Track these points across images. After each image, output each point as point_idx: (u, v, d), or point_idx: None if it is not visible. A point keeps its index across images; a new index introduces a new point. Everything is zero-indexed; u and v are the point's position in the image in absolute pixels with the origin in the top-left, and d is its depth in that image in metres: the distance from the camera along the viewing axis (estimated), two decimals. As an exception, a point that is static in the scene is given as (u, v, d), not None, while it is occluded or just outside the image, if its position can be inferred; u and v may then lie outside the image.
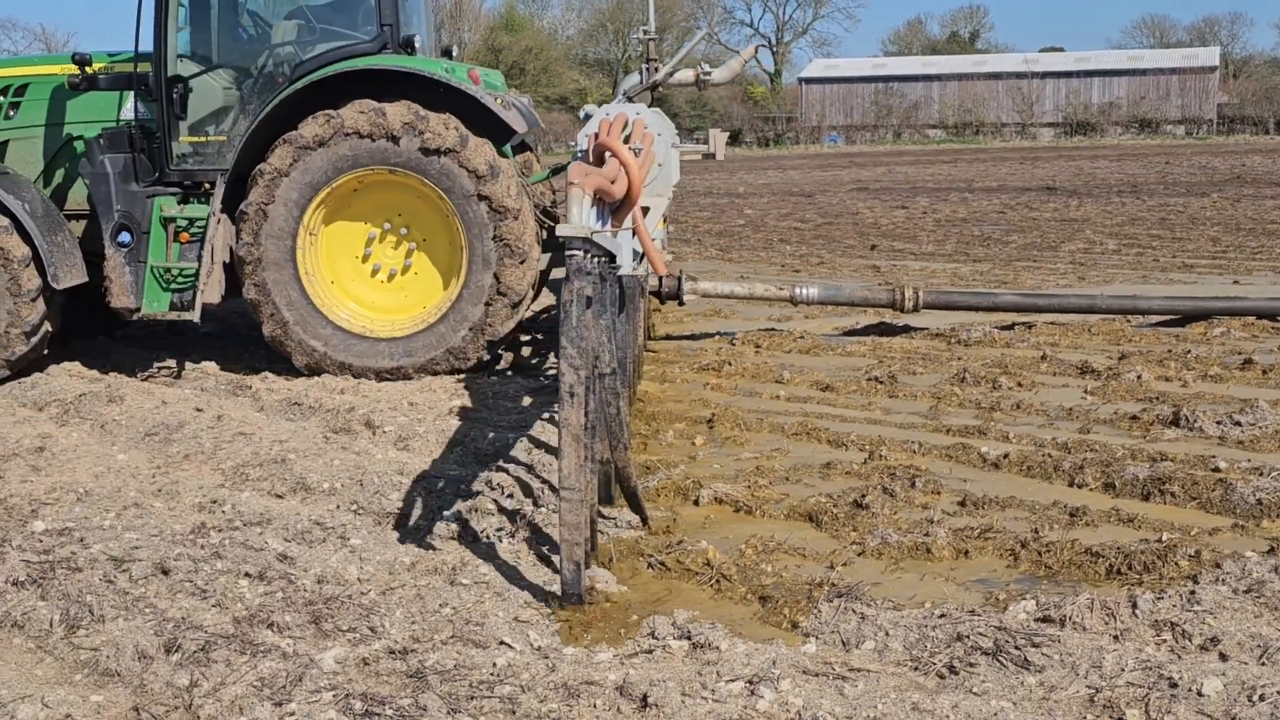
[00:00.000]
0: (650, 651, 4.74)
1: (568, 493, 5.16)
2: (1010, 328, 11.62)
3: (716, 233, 23.14)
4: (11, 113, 10.98)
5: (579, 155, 7.12)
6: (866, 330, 11.90)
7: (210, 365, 10.64)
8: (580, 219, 5.16)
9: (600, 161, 6.58)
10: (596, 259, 5.68)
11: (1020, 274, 16.16)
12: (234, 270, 10.16)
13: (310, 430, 8.38)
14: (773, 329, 11.79)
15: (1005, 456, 7.37)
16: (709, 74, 10.78)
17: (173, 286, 10.27)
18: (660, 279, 11.50)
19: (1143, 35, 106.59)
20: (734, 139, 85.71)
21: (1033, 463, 7.23)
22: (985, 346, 11.02)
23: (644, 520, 6.36)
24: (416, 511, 6.70)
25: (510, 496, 6.83)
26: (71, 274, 10.30)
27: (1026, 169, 44.78)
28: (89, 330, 11.74)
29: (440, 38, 12.79)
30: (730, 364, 10.31)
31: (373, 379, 9.89)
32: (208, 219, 10.07)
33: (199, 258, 10.09)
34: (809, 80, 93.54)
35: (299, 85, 9.91)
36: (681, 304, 12.08)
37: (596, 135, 7.35)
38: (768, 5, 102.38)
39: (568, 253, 5.14)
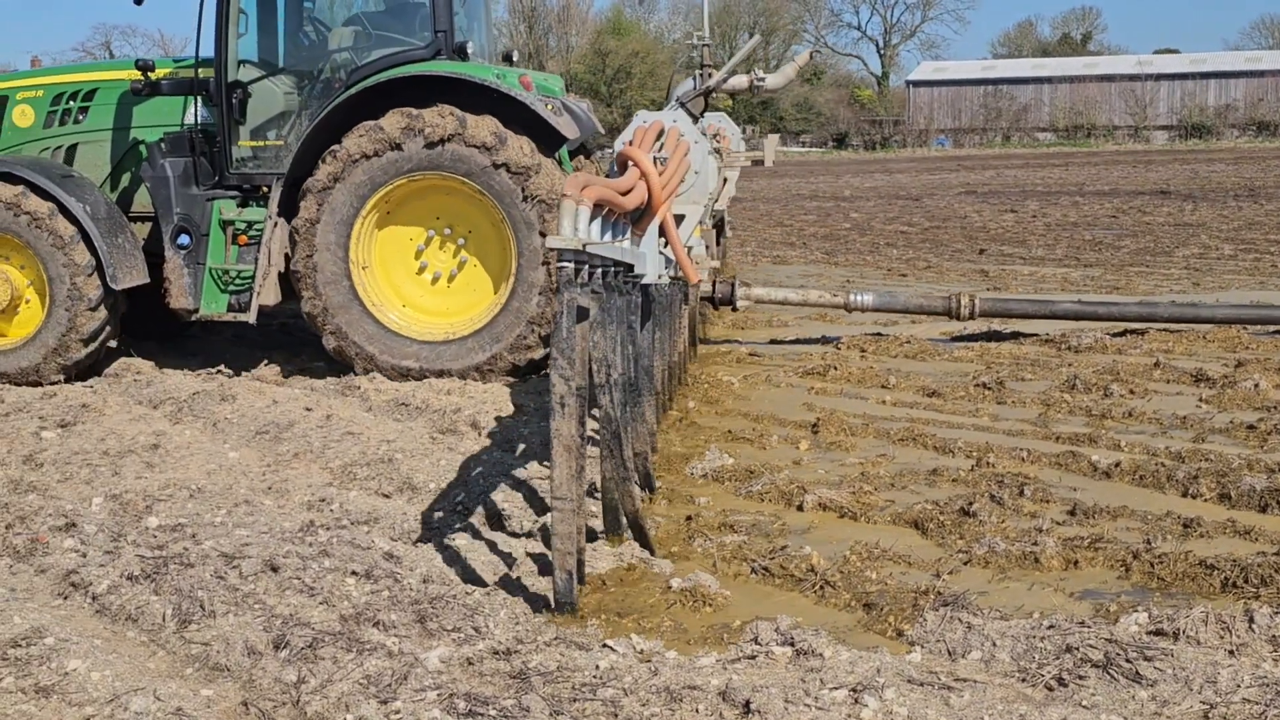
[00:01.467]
0: (753, 657, 4.71)
1: (559, 503, 5.15)
2: (1122, 334, 11.41)
3: (823, 236, 23.02)
4: (81, 117, 11.29)
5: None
6: (974, 336, 11.76)
7: (319, 365, 10.79)
8: (570, 231, 5.14)
9: (624, 169, 6.58)
10: (604, 270, 5.70)
11: (1133, 279, 15.87)
12: (290, 274, 10.34)
13: (417, 430, 8.46)
14: (879, 333, 11.69)
15: (1117, 465, 7.23)
16: (763, 80, 10.73)
17: (230, 288, 10.50)
18: (714, 284, 11.61)
19: (1261, 36, 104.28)
20: (840, 142, 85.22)
21: (1145, 472, 7.09)
22: (1096, 353, 10.82)
23: (609, 533, 6.22)
24: (520, 513, 6.73)
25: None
26: (131, 275, 10.55)
27: (1139, 172, 43.99)
28: (151, 331, 12.00)
29: (498, 43, 12.87)
30: (835, 368, 10.24)
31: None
32: (265, 222, 10.26)
33: (256, 260, 10.27)
34: (917, 83, 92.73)
35: (353, 91, 10.07)
36: (735, 309, 12.15)
37: (630, 143, 7.40)
38: (875, 8, 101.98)
39: (557, 264, 5.12)
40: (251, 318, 10.36)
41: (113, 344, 10.96)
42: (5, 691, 4.59)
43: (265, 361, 11.16)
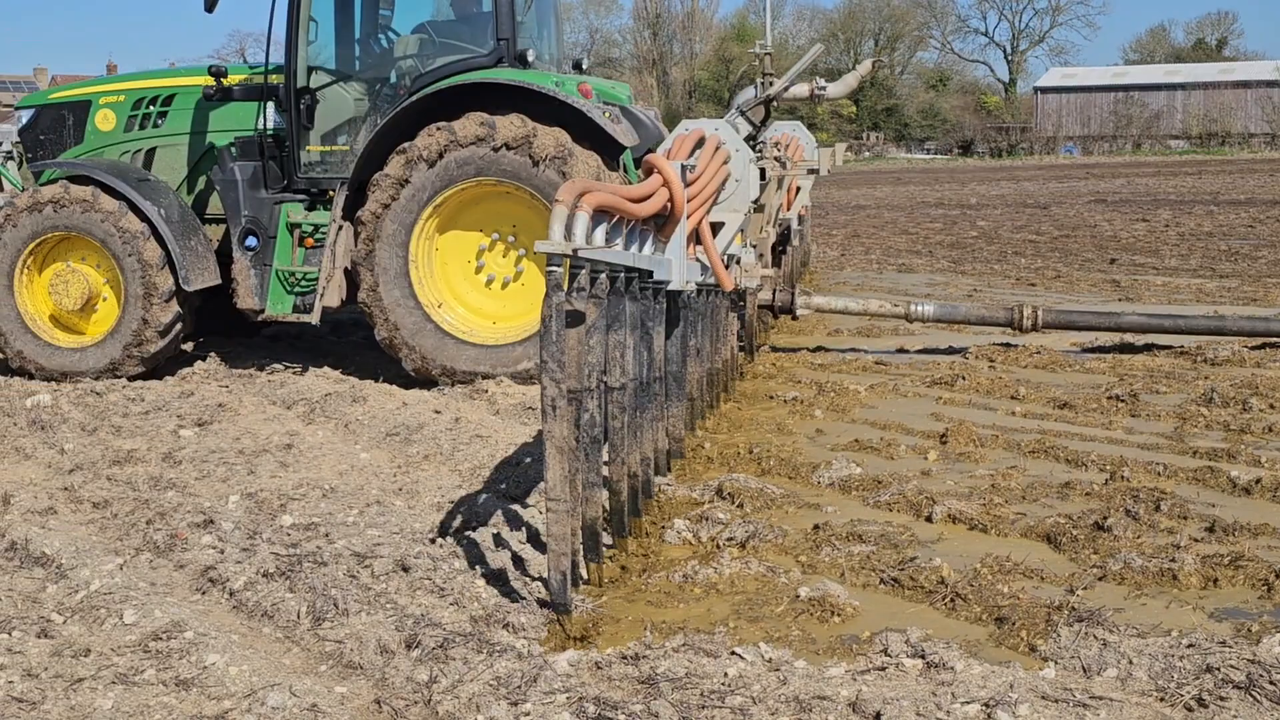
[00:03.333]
0: (883, 669, 4.67)
1: (553, 504, 5.14)
2: (1261, 347, 11.11)
3: (949, 245, 22.76)
4: (159, 121, 11.61)
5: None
6: (1106, 348, 11.53)
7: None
8: (560, 235, 5.12)
9: (649, 176, 6.60)
10: (611, 276, 5.71)
11: (1270, 290, 15.46)
12: (351, 264, 10.51)
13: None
14: (1008, 344, 11.52)
15: (1257, 481, 7.04)
16: (824, 88, 10.65)
17: (296, 290, 10.74)
18: (774, 293, 11.63)
19: None
20: (965, 149, 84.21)
21: (1287, 489, 6.89)
22: (1234, 366, 10.56)
23: (615, 537, 6.18)
24: (648, 517, 6.74)
25: (739, 506, 6.84)
26: (203, 276, 10.81)
27: (1277, 181, 42.83)
28: (226, 330, 12.22)
29: (564, 49, 12.91)
30: (964, 378, 10.11)
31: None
32: (330, 225, 10.46)
33: (321, 263, 10.44)
34: (1045, 89, 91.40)
35: (416, 98, 10.21)
36: (795, 318, 12.15)
37: (670, 151, 7.40)
38: (1003, 14, 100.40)
39: (547, 268, 5.12)
40: (315, 318, 10.58)
41: (188, 346, 11.29)
42: (147, 683, 4.71)
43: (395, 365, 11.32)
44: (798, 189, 14.51)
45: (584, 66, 12.69)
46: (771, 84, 10.23)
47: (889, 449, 8.10)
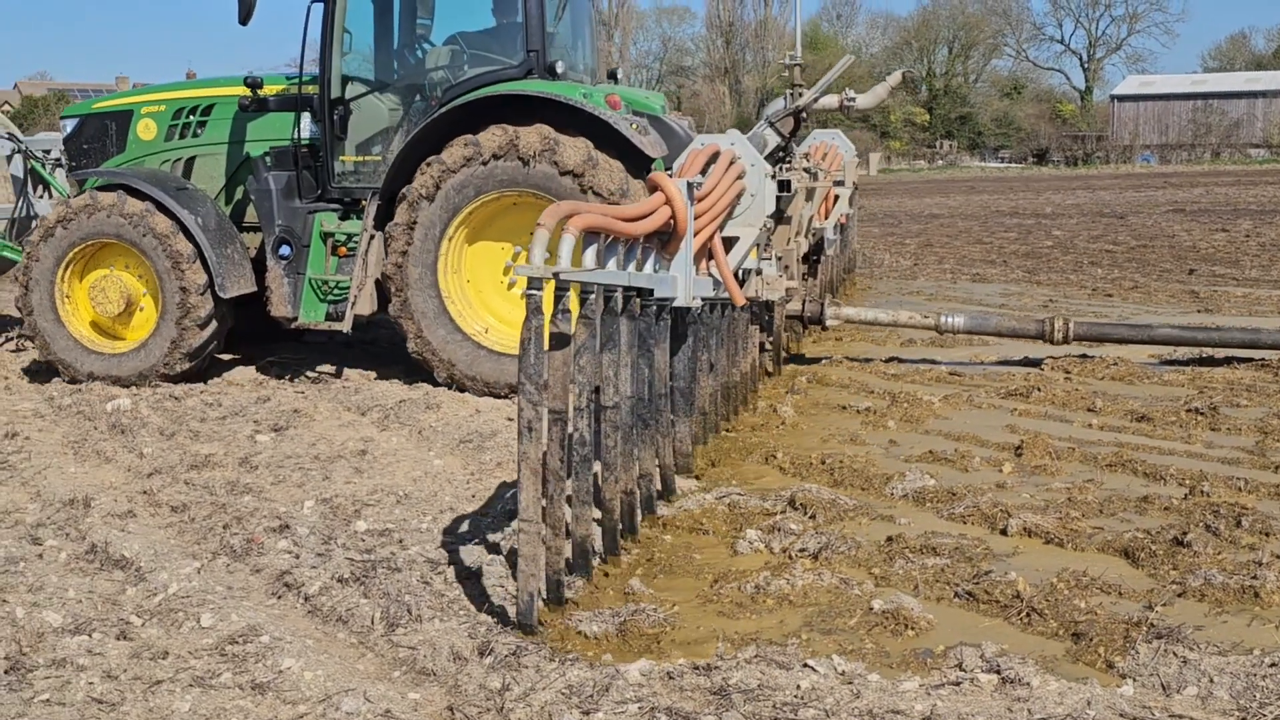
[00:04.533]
0: (957, 684, 4.63)
1: (524, 525, 5.14)
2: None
3: (1024, 254, 22.54)
4: (199, 131, 11.76)
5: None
6: (1185, 360, 11.36)
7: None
8: (539, 259, 5.12)
9: (653, 193, 6.61)
10: (606, 296, 5.76)
11: (1355, 303, 15.17)
12: (382, 276, 10.58)
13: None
14: (1084, 355, 11.38)
15: (1342, 498, 6.91)
16: (853, 99, 10.60)
17: (329, 298, 10.86)
18: (803, 304, 11.65)
19: None
20: (1040, 158, 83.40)
21: (1373, 506, 6.76)
22: (1317, 379, 10.36)
23: (607, 554, 6.11)
24: (724, 527, 6.73)
25: (812, 517, 6.81)
26: (238, 284, 10.96)
27: (1361, 191, 42.05)
28: (262, 336, 12.34)
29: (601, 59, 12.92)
30: (1039, 390, 10.00)
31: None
32: (361, 235, 10.55)
33: (353, 272, 10.55)
34: (1122, 97, 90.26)
35: (445, 109, 10.28)
36: (825, 329, 12.24)
37: (682, 167, 7.40)
38: (1080, 21, 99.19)
39: (526, 291, 5.13)
40: (346, 327, 10.65)
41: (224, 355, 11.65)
42: (223, 686, 4.76)
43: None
44: (835, 198, 14.48)
45: (618, 77, 12.74)
46: (801, 95, 10.21)
47: (963, 461, 8.03)
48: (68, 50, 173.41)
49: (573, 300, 5.36)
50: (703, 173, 7.66)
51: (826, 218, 13.78)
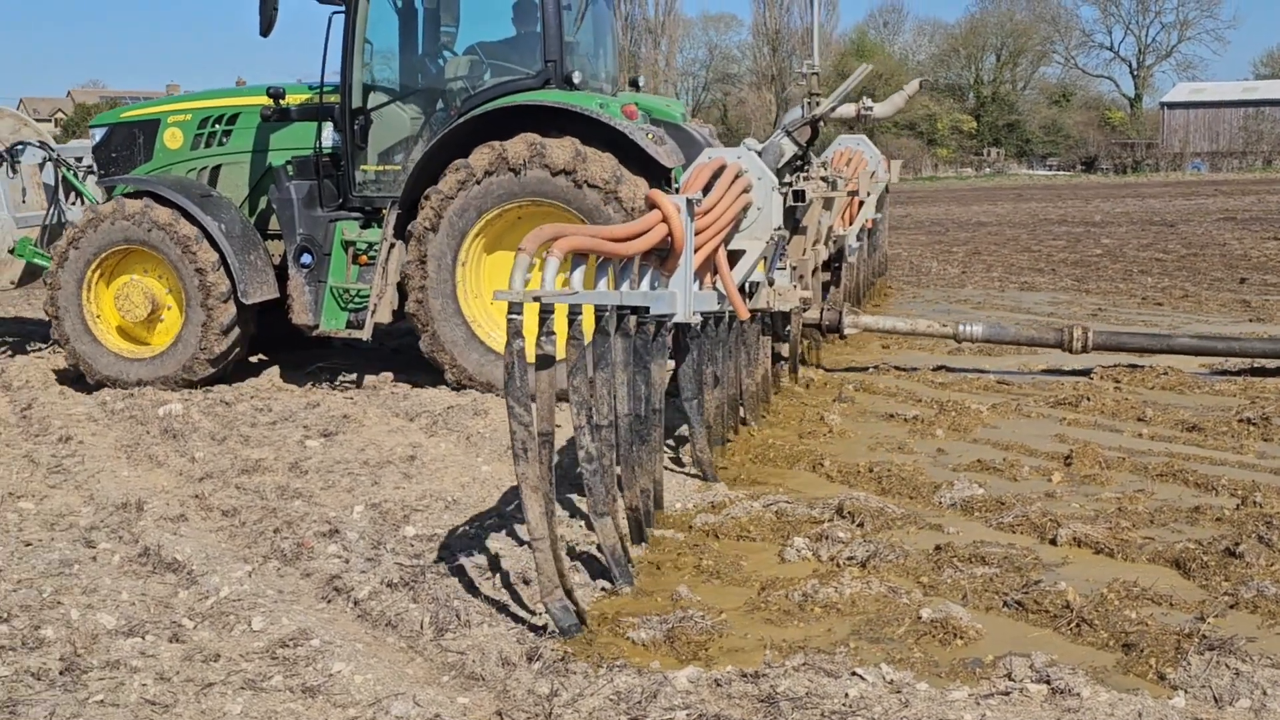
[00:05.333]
0: (1007, 693, 4.60)
1: (537, 542, 5.18)
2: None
3: (1072, 263, 22.39)
4: (224, 140, 11.91)
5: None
6: (1238, 370, 11.25)
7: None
8: (520, 283, 5.18)
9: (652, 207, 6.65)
10: (599, 315, 5.83)
11: None
12: (401, 276, 10.68)
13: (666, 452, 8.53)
14: (1134, 365, 11.30)
15: (1397, 509, 6.83)
16: (870, 109, 10.57)
17: (350, 306, 10.95)
18: (821, 312, 11.70)
19: None
20: (1089, 165, 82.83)
21: None
22: (1372, 390, 10.24)
23: (615, 579, 6.01)
24: (772, 534, 6.73)
25: (860, 525, 6.79)
26: (261, 290, 11.10)
27: None
28: (285, 343, 12.44)
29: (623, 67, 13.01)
30: (1089, 399, 9.94)
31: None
32: (381, 243, 10.65)
33: (373, 280, 10.65)
34: (1172, 105, 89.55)
35: (463, 119, 10.38)
36: (843, 338, 12.27)
37: (687, 182, 7.53)
38: (1129, 28, 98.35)
39: (508, 316, 5.18)
40: (366, 335, 10.78)
41: (252, 359, 11.86)
42: (274, 690, 4.80)
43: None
44: (860, 205, 14.48)
45: (640, 84, 12.78)
46: (818, 104, 10.22)
47: (1012, 470, 7.99)
48: (120, 58, 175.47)
49: (558, 321, 5.38)
50: (708, 187, 7.68)
51: (851, 224, 13.81)
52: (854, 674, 4.75)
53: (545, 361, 5.40)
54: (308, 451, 8.82)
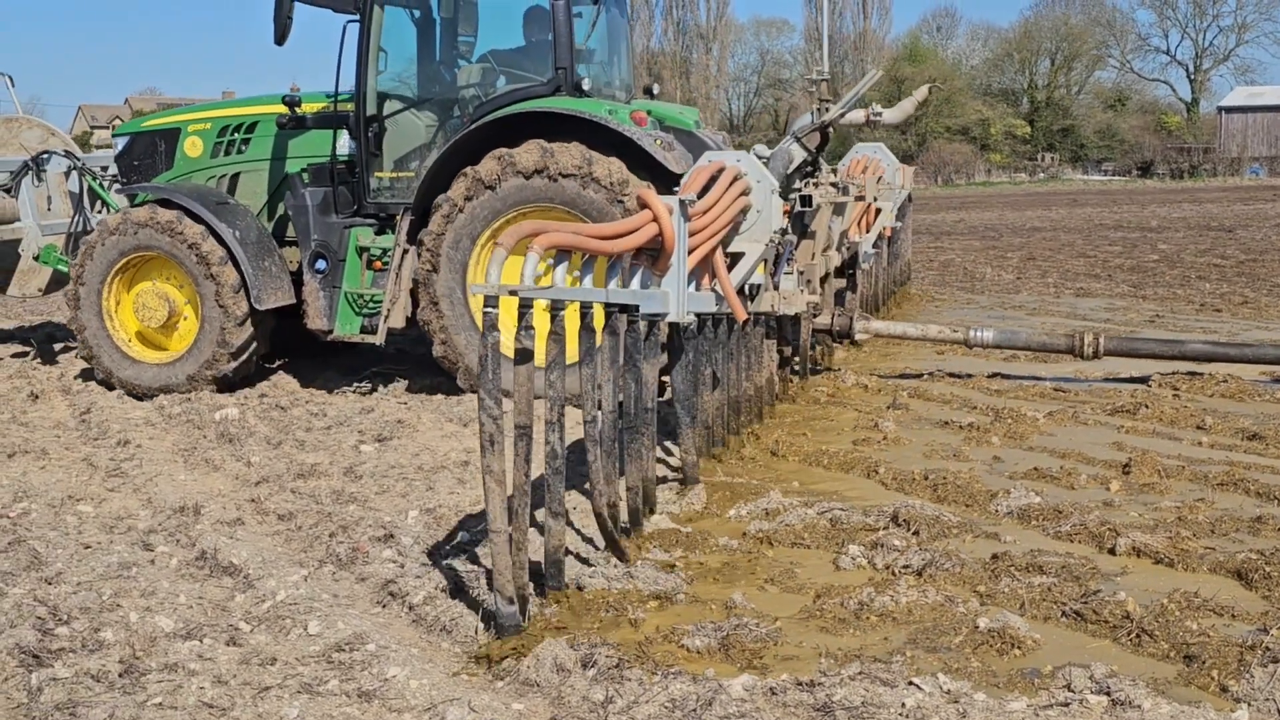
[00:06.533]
0: (1066, 704, 4.55)
1: (494, 535, 5.24)
2: None
3: (1129, 268, 22.18)
4: (243, 148, 12.06)
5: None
6: (1298, 376, 11.10)
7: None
8: (496, 277, 5.24)
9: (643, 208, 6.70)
10: (584, 313, 5.98)
11: None
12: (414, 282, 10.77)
13: (715, 457, 8.51)
14: (1193, 372, 11.16)
15: None
16: (879, 114, 10.56)
17: (364, 311, 11.07)
18: (833, 317, 11.73)
19: None
20: (1144, 170, 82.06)
21: None
22: None
23: (621, 558, 6.29)
24: (827, 541, 6.70)
25: (915, 533, 6.74)
26: (275, 296, 11.20)
27: None
28: (301, 349, 12.52)
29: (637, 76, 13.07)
30: (1147, 407, 9.83)
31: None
32: (394, 249, 10.75)
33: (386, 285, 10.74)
34: (1229, 109, 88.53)
35: (474, 126, 10.45)
36: (855, 343, 12.33)
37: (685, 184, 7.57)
38: (1186, 31, 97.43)
39: (484, 309, 5.25)
40: (379, 339, 10.87)
41: (268, 364, 11.99)
42: (330, 694, 4.82)
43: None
44: (878, 212, 14.44)
45: (655, 92, 12.85)
46: (827, 110, 10.20)
47: (1069, 478, 7.91)
48: (177, 66, 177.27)
49: (536, 316, 5.43)
50: (706, 189, 7.70)
51: (867, 231, 13.78)
52: (911, 683, 4.71)
53: (523, 356, 5.47)
54: (362, 456, 8.86)
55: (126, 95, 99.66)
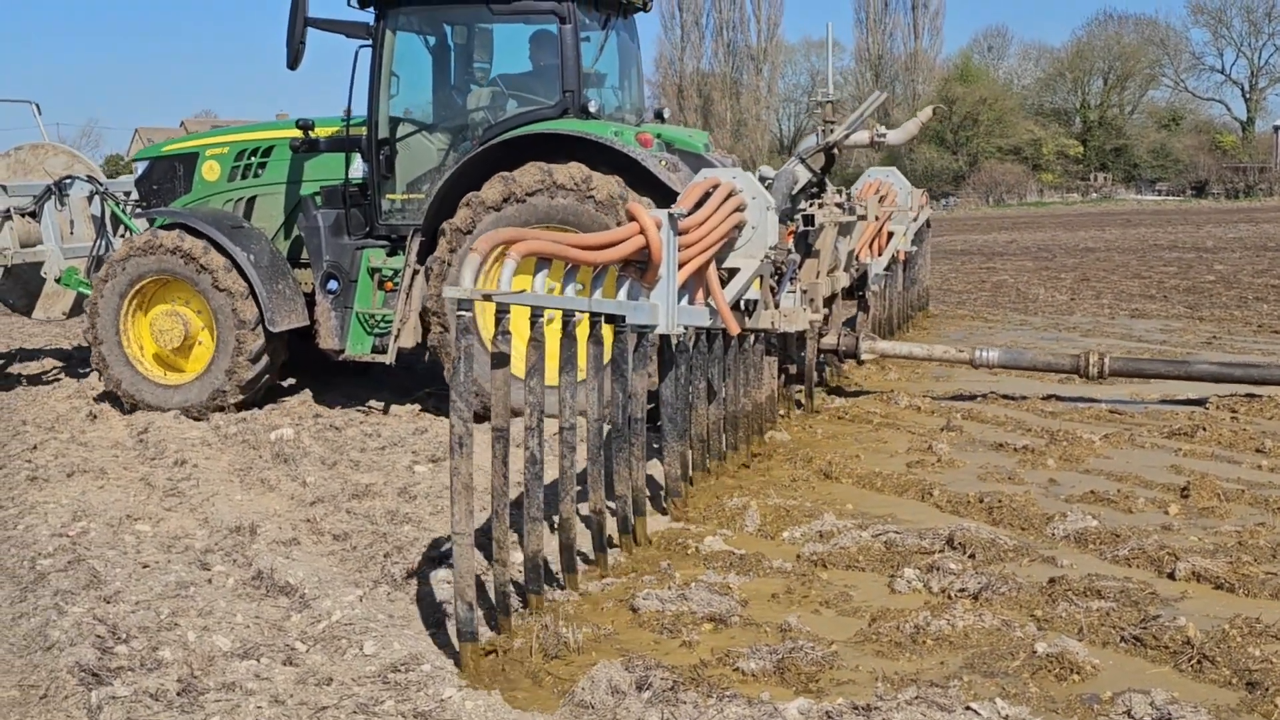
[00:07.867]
0: (1126, 731, 4.51)
1: (457, 538, 5.28)
2: None
3: (1184, 289, 21.98)
4: (259, 172, 12.23)
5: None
6: (1359, 399, 10.94)
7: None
8: (469, 281, 5.32)
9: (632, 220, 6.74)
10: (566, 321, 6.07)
11: None
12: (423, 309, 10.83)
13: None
14: (1251, 395, 11.03)
15: None
16: (884, 135, 10.56)
17: (375, 331, 11.15)
18: (839, 337, 11.72)
19: None
20: (1199, 190, 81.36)
21: None
22: None
23: (566, 570, 6.32)
24: (881, 564, 6.66)
25: (971, 556, 6.70)
26: (289, 318, 11.34)
27: None
28: (313, 369, 12.63)
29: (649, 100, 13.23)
30: (1204, 429, 9.72)
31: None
32: (405, 270, 10.83)
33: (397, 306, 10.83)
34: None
35: (483, 148, 10.54)
36: (860, 363, 12.37)
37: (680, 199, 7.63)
38: (1241, 50, 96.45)
39: (458, 313, 5.29)
40: (390, 359, 10.95)
41: (283, 382, 12.15)
42: (386, 714, 4.84)
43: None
44: (889, 235, 14.39)
45: (665, 116, 12.93)
46: (832, 131, 10.19)
47: (1126, 502, 7.84)
48: (231, 88, 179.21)
49: (513, 321, 5.54)
50: (700, 204, 7.73)
51: (879, 254, 13.75)
52: (968, 708, 4.68)
53: (500, 360, 5.53)
54: (416, 477, 8.90)
55: (182, 118, 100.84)
